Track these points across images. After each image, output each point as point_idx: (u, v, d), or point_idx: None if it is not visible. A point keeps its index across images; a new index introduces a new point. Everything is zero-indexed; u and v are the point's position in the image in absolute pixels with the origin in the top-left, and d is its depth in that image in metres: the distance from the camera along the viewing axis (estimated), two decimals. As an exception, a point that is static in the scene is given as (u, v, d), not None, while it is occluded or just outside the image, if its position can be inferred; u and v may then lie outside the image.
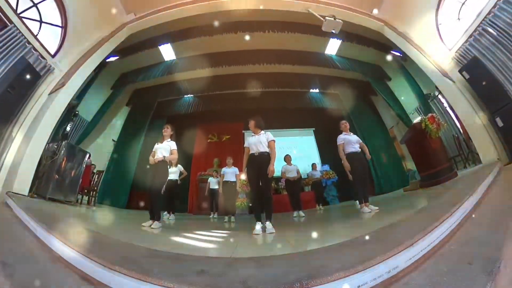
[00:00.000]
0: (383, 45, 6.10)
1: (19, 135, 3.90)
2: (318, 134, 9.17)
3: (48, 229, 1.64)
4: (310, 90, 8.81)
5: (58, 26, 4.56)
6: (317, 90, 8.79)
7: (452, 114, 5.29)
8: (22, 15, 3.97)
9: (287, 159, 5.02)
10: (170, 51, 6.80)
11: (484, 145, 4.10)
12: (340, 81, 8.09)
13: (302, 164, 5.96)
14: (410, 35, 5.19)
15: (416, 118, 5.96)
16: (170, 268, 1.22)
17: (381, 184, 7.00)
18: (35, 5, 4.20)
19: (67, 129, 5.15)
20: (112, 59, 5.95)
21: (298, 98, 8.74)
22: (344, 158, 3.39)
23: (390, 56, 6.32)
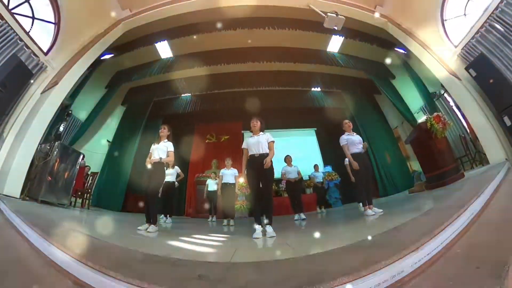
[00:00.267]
0: (387, 42, 6.10)
1: (11, 136, 3.90)
2: (320, 134, 9.18)
3: (40, 233, 1.63)
4: (312, 89, 8.80)
5: (51, 23, 4.56)
6: (319, 89, 8.78)
7: (458, 113, 5.30)
8: (14, 11, 3.96)
9: (288, 160, 5.03)
10: (167, 49, 6.79)
11: (491, 144, 4.11)
12: (342, 79, 8.09)
13: (303, 165, 5.96)
14: (415, 32, 5.20)
15: (421, 118, 5.96)
16: (167, 273, 1.21)
17: (385, 185, 7.00)
18: (27, 0, 4.20)
19: (60, 129, 5.14)
20: (107, 57, 5.94)
21: (299, 97, 8.74)
22: (351, 158, 3.37)
23: (394, 53, 6.33)
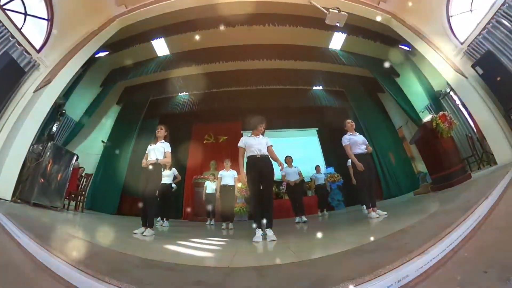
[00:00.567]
0: (391, 39, 6.10)
1: (2, 136, 3.89)
2: (322, 134, 9.18)
3: (32, 236, 1.63)
4: (313, 88, 8.81)
5: (44, 19, 4.56)
6: (320, 88, 8.78)
7: (464, 112, 5.30)
8: (5, 7, 3.96)
9: (288, 161, 5.02)
10: (163, 46, 6.79)
11: (499, 144, 4.11)
12: (345, 77, 8.09)
13: (305, 166, 5.96)
14: (420, 28, 5.20)
15: (426, 117, 5.95)
16: (164, 279, 1.21)
17: (389, 187, 7.00)
18: (19, -4, 4.21)
19: (53, 129, 5.14)
20: (101, 55, 5.94)
21: (301, 96, 8.74)
22: (355, 159, 3.36)
23: (398, 50, 6.34)
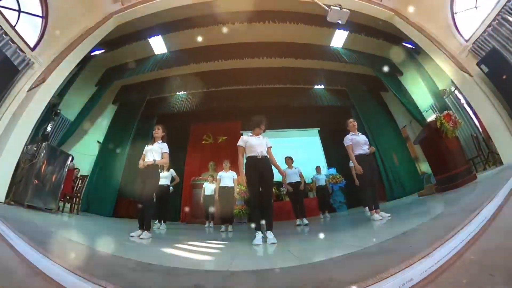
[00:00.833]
0: (394, 36, 6.12)
1: (-5, 136, 3.89)
2: (323, 134, 9.18)
3: (26, 240, 1.63)
4: (315, 87, 8.81)
5: (38, 16, 4.56)
6: (322, 86, 8.79)
7: (470, 111, 5.30)
8: (-2, 5, 3.97)
9: (288, 162, 5.02)
10: (161, 44, 6.80)
11: (505, 144, 4.12)
12: (347, 76, 8.10)
13: (306, 167, 5.95)
14: (423, 26, 5.21)
15: (430, 116, 5.97)
16: (161, 283, 1.21)
17: (392, 188, 6.99)
18: (13, -7, 4.21)
19: (48, 129, 5.14)
20: (97, 53, 5.94)
21: (301, 95, 8.75)
22: (355, 161, 3.40)
23: (402, 48, 6.34)
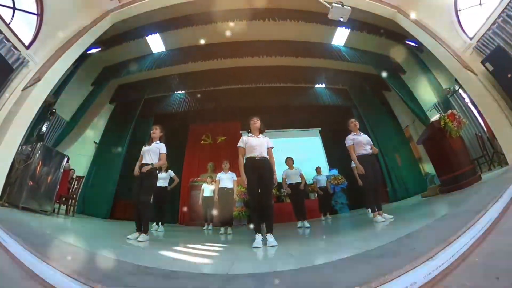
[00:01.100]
0: (397, 34, 6.12)
1: (-11, 137, 3.88)
2: (324, 134, 9.18)
3: (21, 242, 1.62)
4: (316, 86, 8.82)
5: (33, 14, 4.56)
6: (323, 86, 8.79)
7: (474, 111, 5.30)
8: (-8, 2, 3.97)
9: (289, 162, 5.02)
10: (159, 42, 6.81)
11: (510, 144, 4.11)
12: (349, 75, 8.11)
13: (307, 168, 5.95)
14: (427, 23, 5.21)
15: (434, 116, 5.97)
16: (159, 286, 1.21)
17: (395, 189, 7.00)
18: (7, -10, 4.21)
19: (43, 129, 5.14)
20: (93, 51, 5.94)
21: (302, 94, 8.75)
22: (356, 161, 3.40)
23: (405, 46, 6.34)
